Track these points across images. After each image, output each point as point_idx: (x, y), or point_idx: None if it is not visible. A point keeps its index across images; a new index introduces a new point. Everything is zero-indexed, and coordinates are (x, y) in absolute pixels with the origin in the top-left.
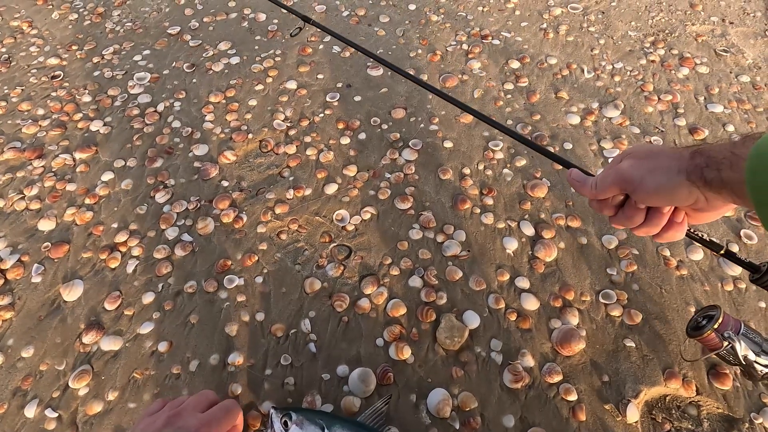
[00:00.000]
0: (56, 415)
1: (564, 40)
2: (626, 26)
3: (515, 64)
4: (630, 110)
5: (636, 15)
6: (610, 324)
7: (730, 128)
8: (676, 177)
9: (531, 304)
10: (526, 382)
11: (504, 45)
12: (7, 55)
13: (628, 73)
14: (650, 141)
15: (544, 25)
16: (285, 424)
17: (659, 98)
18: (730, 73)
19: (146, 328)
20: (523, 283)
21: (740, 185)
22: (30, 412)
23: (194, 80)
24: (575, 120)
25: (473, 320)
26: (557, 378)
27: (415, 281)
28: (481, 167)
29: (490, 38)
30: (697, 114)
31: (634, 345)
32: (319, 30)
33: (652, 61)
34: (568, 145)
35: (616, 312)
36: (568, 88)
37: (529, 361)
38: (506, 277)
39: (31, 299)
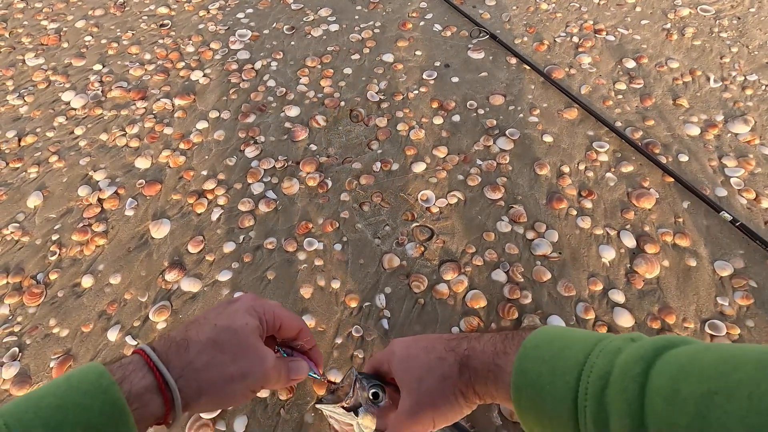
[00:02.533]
0: (135, 343)
1: (689, 44)
2: (765, 36)
3: (630, 64)
4: (761, 129)
5: None
6: None
7: None
8: (455, 401)
9: (625, 320)
10: None
11: (619, 42)
12: (122, 0)
13: (764, 87)
14: None
15: (668, 26)
16: (375, 395)
17: None
18: None
19: (224, 276)
20: (617, 296)
21: (509, 400)
22: (112, 335)
23: (292, 43)
24: (694, 131)
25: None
26: None
27: (500, 275)
28: (582, 167)
29: (604, 33)
30: None
31: None
32: (420, 7)
33: None
34: (684, 158)
35: None
36: (689, 96)
37: None
38: (599, 287)
39: (123, 230)
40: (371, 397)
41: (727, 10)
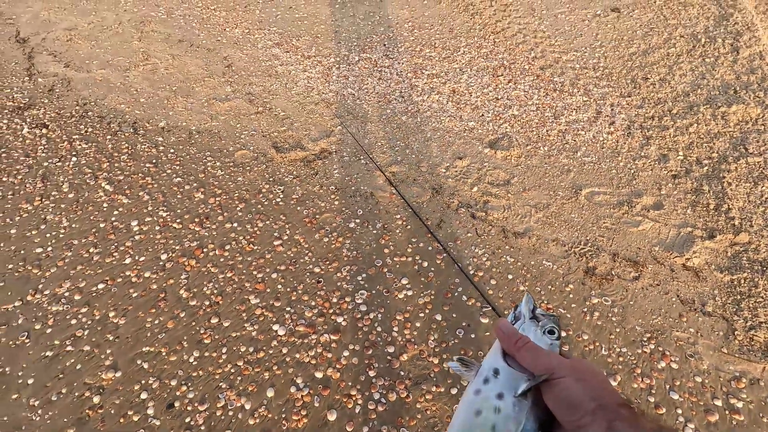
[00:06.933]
0: None
1: (594, 323)
2: (635, 321)
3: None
4: (622, 385)
5: (644, 315)
6: None
7: (680, 411)
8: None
9: None
10: None
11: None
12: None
13: (629, 357)
14: None
15: (582, 310)
16: (551, 331)
17: (642, 379)
18: (690, 373)
19: None
20: None
21: None
22: None
23: (388, 301)
24: None
25: None
26: None
27: None
28: None
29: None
30: (661, 396)
31: None
32: None
33: (645, 352)
34: None
35: None
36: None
37: None
38: None
39: None
40: (546, 331)
41: (619, 300)
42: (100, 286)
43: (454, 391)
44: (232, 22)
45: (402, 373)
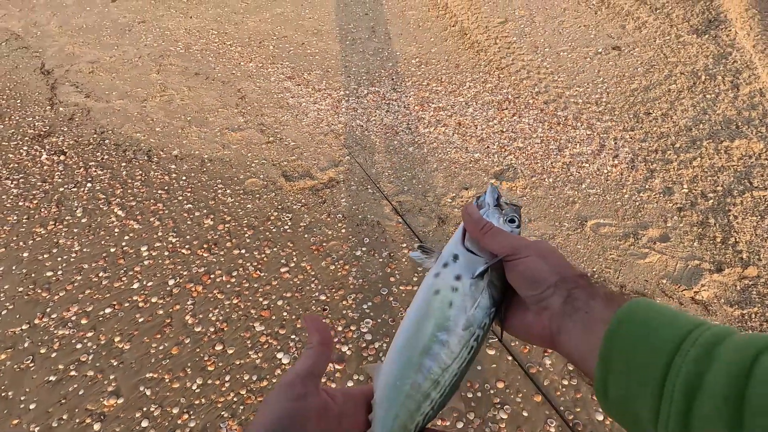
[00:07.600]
0: None
1: None
2: None
3: None
4: None
5: None
6: None
7: None
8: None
9: None
10: None
11: None
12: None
13: None
14: None
15: None
16: (512, 220)
17: None
18: None
19: None
20: None
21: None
22: None
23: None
24: None
25: None
26: None
27: None
28: None
29: None
30: None
31: None
32: None
33: None
34: None
35: None
36: None
37: None
38: None
39: None
40: (508, 220)
41: None
42: (107, 310)
43: (459, 425)
44: (247, 57)
45: None
